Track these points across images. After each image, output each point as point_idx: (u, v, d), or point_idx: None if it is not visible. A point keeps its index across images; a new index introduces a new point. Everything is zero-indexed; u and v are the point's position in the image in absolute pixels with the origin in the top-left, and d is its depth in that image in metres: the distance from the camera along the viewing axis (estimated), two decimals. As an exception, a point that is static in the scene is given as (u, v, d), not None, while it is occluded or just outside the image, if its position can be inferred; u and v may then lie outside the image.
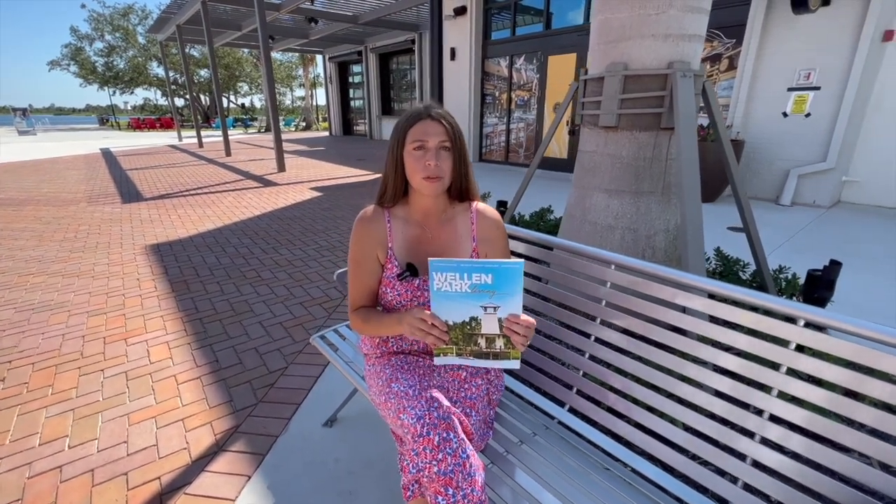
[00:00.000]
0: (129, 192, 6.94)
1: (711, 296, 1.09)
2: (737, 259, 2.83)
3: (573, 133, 8.03)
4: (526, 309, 1.52)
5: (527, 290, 1.56)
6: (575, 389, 1.31)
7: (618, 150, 2.26)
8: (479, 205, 1.25)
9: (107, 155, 12.71)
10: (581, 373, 1.31)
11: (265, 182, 7.92)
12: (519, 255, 1.54)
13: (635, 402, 1.19)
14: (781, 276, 2.72)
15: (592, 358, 1.30)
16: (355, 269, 1.20)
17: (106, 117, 36.94)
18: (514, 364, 1.02)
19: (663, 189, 2.26)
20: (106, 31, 30.21)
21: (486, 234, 1.22)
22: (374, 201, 1.22)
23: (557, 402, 1.36)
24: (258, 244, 4.30)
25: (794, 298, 2.54)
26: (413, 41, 14.19)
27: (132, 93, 33.47)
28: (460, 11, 9.34)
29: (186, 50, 27.24)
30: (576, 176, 2.58)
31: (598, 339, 1.29)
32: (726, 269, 2.77)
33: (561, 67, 8.13)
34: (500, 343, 1.00)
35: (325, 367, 2.25)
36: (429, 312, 0.99)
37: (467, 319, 0.99)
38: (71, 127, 35.83)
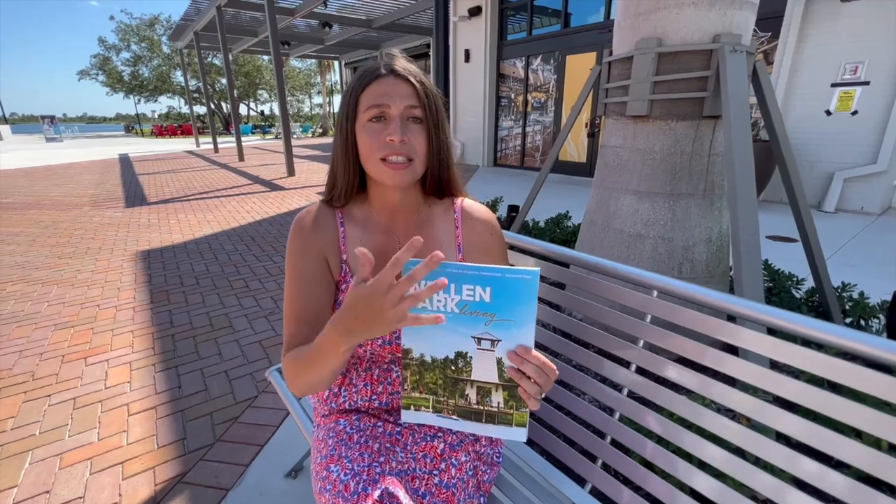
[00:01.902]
0: (134, 196, 6.82)
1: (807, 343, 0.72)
2: (789, 274, 2.41)
3: (592, 135, 7.62)
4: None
5: (537, 323, 1.21)
6: (600, 462, 0.95)
7: (649, 143, 1.89)
8: (465, 201, 0.90)
9: (123, 160, 12.83)
10: (609, 439, 0.95)
11: (273, 186, 7.74)
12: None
13: (692, 494, 0.82)
14: (845, 294, 2.29)
15: (625, 420, 0.94)
16: (297, 291, 0.82)
17: (131, 125, 37.99)
18: (518, 434, 0.67)
19: (705, 190, 1.88)
20: (132, 42, 31.07)
21: (476, 241, 0.88)
22: (323, 198, 0.89)
23: (576, 478, 0.99)
24: (252, 251, 4.03)
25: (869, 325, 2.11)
26: (428, 45, 14.00)
27: (156, 101, 34.28)
28: (475, 12, 9.06)
29: (209, 59, 27.82)
30: (597, 175, 2.21)
31: (631, 395, 0.93)
32: (777, 286, 2.36)
33: (580, 67, 7.75)
34: (498, 398, 0.66)
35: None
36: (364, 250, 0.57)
37: (451, 356, 0.65)
38: (98, 134, 36.95)
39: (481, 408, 0.67)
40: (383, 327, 0.56)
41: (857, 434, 0.86)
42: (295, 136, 26.25)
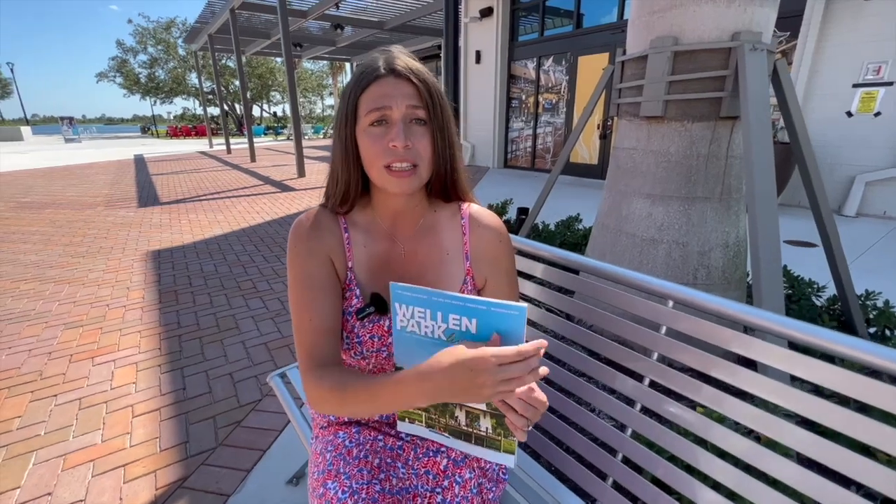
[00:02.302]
0: (147, 196, 6.91)
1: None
2: (809, 281, 2.33)
3: (604, 137, 7.53)
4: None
5: (546, 332, 1.17)
6: (611, 481, 0.90)
7: (664, 145, 1.83)
8: (472, 207, 0.86)
9: (138, 161, 13.04)
10: (620, 457, 0.90)
11: (283, 187, 7.78)
12: (535, 280, 1.15)
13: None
14: (869, 303, 2.20)
15: (637, 436, 0.89)
16: (309, 299, 0.74)
17: (147, 126, 38.68)
18: (507, 459, 0.65)
19: (721, 194, 1.82)
20: (149, 44, 31.65)
21: (484, 250, 0.84)
22: (321, 203, 0.86)
23: (584, 495, 0.94)
24: (261, 252, 4.04)
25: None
26: (439, 46, 14.00)
27: (172, 102, 34.86)
28: (486, 13, 9.03)
29: (223, 61, 28.20)
30: (609, 178, 2.16)
31: (645, 409, 0.88)
32: (797, 293, 2.27)
33: (592, 68, 7.66)
34: (486, 423, 0.64)
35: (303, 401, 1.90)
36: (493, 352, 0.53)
37: None
38: (115, 135, 37.67)
39: (470, 430, 0.66)
40: (474, 399, 0.54)
41: (886, 457, 0.80)
42: (307, 137, 26.47)
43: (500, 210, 3.88)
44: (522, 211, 3.67)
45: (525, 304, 0.57)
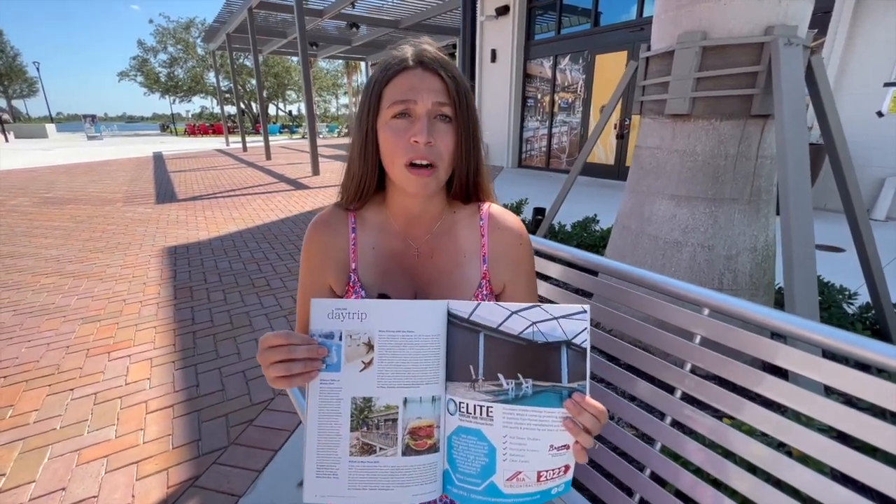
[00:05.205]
0: (164, 193, 7.01)
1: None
2: (840, 287, 2.23)
3: (621, 137, 7.40)
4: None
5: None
6: (637, 498, 0.85)
7: (690, 144, 1.76)
8: (492, 208, 0.82)
9: (157, 158, 13.27)
10: (648, 472, 0.85)
11: (297, 185, 7.83)
12: (551, 281, 1.10)
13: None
14: (904, 311, 2.10)
15: (666, 451, 0.84)
16: (301, 303, 0.82)
17: (166, 124, 39.42)
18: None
19: (751, 196, 1.74)
20: (169, 44, 32.26)
21: (503, 252, 0.80)
22: (336, 201, 0.82)
23: (608, 512, 0.90)
24: (275, 249, 4.05)
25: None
26: (455, 45, 13.94)
27: (190, 101, 35.46)
28: (502, 11, 8.96)
29: (240, 60, 28.60)
30: (631, 178, 2.09)
31: (675, 423, 0.83)
32: (826, 299, 2.18)
33: (610, 67, 7.54)
34: None
35: (316, 401, 1.88)
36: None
37: None
38: (135, 133, 38.51)
39: None
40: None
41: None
42: (321, 136, 26.68)
43: (515, 210, 3.83)
44: (538, 211, 3.61)
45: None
